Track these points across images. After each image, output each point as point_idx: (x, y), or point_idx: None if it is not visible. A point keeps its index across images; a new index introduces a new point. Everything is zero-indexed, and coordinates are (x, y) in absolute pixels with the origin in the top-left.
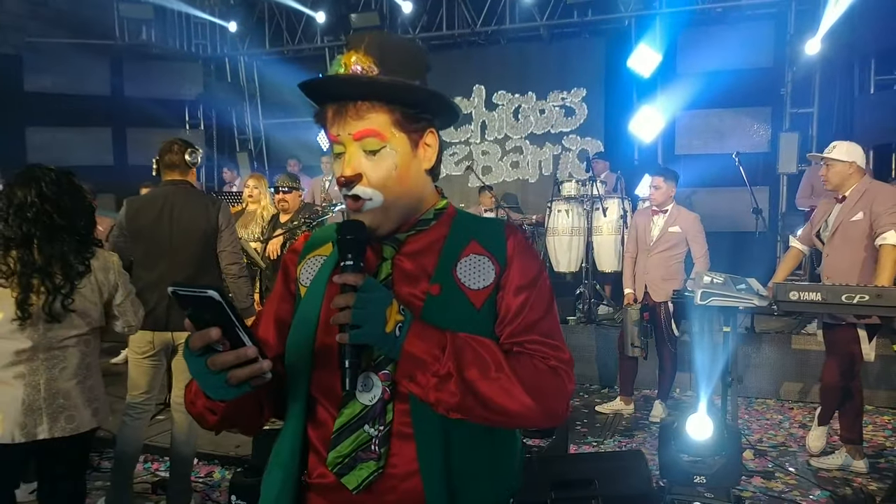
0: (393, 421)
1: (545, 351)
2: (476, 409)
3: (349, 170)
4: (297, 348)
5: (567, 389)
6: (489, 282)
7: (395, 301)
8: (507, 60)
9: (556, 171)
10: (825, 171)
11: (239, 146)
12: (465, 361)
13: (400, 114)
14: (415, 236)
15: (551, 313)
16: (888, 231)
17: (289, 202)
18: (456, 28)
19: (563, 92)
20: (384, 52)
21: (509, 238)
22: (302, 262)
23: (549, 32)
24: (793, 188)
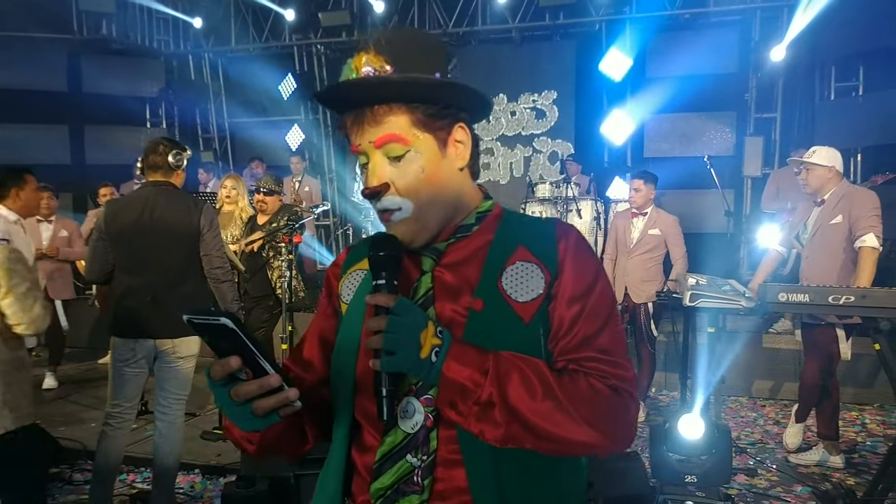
0: (438, 449)
1: (604, 369)
2: (526, 438)
3: (374, 180)
4: (340, 371)
5: (631, 412)
6: (539, 292)
7: (431, 323)
8: (478, 62)
9: (527, 173)
10: (805, 175)
11: (203, 145)
12: (509, 386)
13: (421, 112)
14: (455, 244)
15: (610, 325)
16: (867, 234)
17: (268, 204)
18: (427, 28)
19: (534, 94)
20: (397, 49)
21: (560, 240)
22: (344, 276)
23: (521, 35)
24: (757, 191)
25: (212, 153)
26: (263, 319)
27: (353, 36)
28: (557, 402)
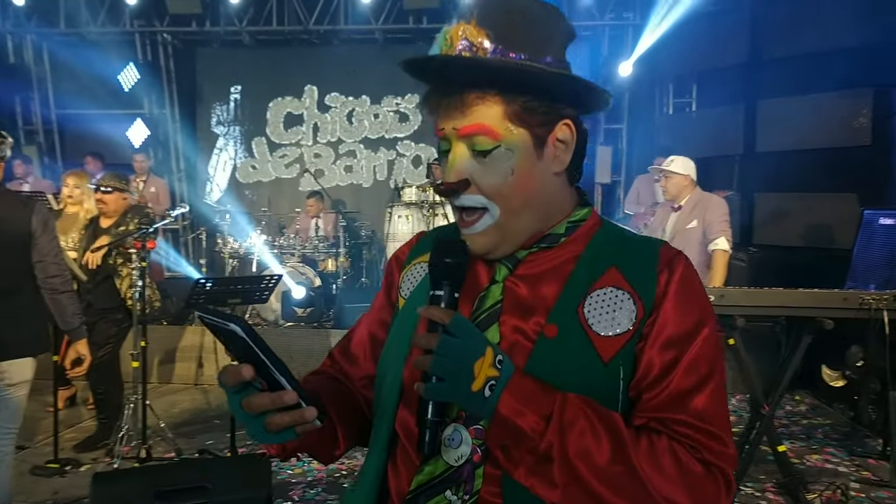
0: (481, 489)
1: (697, 438)
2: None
3: (453, 175)
4: (386, 375)
5: (721, 499)
6: (627, 327)
7: (490, 350)
8: (340, 62)
9: (390, 177)
10: (665, 182)
11: (25, 139)
12: (574, 440)
13: (519, 105)
14: (537, 254)
15: (713, 383)
16: (719, 237)
17: (108, 204)
18: (286, 24)
19: (397, 97)
20: (503, 22)
21: (664, 269)
22: (407, 266)
23: (384, 36)
24: (608, 197)
25: (35, 147)
26: (110, 334)
27: (205, 27)
28: (630, 469)
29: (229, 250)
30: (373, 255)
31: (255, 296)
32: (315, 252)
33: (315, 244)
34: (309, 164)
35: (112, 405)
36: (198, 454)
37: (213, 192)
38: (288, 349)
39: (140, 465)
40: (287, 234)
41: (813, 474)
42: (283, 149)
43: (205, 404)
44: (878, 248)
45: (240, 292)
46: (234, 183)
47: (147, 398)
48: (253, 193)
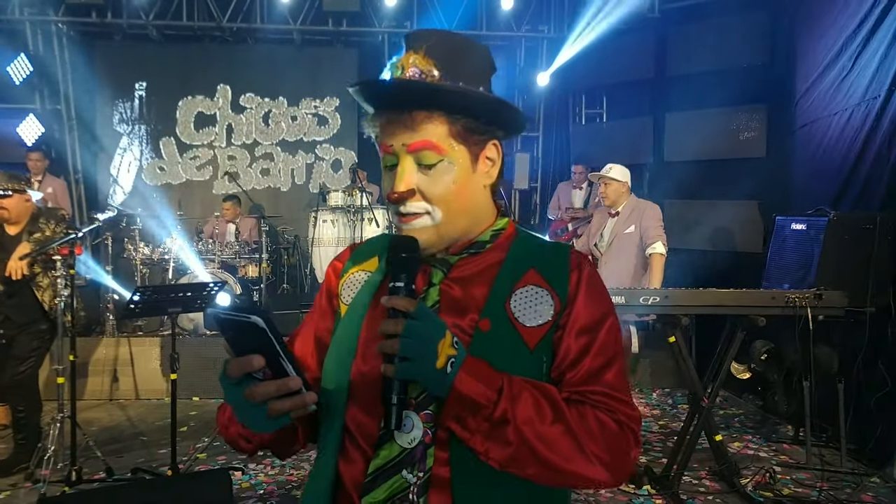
0: (433, 467)
1: (611, 404)
2: (529, 463)
3: (402, 185)
4: (333, 375)
5: (634, 450)
6: (547, 319)
7: (448, 333)
8: (255, 62)
9: (309, 181)
10: (604, 189)
11: None
12: (521, 408)
13: (462, 125)
14: (466, 259)
15: (618, 362)
16: (656, 242)
17: (9, 209)
18: (196, 20)
19: (315, 100)
20: (447, 54)
21: (574, 270)
22: (345, 275)
23: (302, 37)
24: (525, 202)
25: None
26: (33, 348)
27: (107, 17)
28: (567, 428)
29: (141, 257)
30: (295, 260)
31: (195, 304)
32: (236, 258)
33: (236, 249)
34: (223, 167)
35: (31, 425)
36: (131, 474)
37: (117, 195)
38: (219, 358)
39: (91, 489)
40: (205, 240)
41: (738, 460)
42: (195, 150)
43: (125, 420)
44: (791, 251)
45: (181, 301)
46: (140, 185)
47: (65, 416)
48: (161, 197)
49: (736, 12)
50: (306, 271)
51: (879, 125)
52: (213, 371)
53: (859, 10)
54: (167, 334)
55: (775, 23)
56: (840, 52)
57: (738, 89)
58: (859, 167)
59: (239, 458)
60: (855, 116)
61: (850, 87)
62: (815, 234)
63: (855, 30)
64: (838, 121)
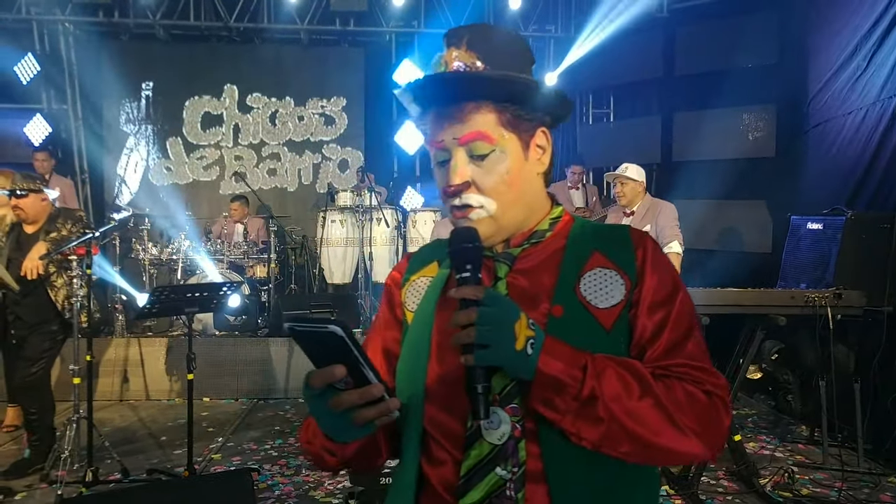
0: (526, 460)
1: (697, 375)
2: (621, 440)
3: (457, 178)
4: (409, 382)
5: (725, 420)
6: (619, 299)
7: (523, 314)
8: (262, 62)
9: (316, 181)
10: (620, 188)
11: None
12: (608, 384)
13: (510, 113)
14: (529, 250)
15: (695, 332)
16: (673, 241)
17: (26, 209)
18: (203, 20)
19: (322, 100)
20: (488, 47)
21: (638, 247)
22: (406, 284)
23: (309, 37)
24: None
25: None
26: (44, 349)
27: (114, 17)
28: (657, 401)
29: (149, 257)
30: (303, 260)
31: (211, 304)
32: (244, 258)
33: (244, 249)
34: (230, 167)
35: (44, 426)
36: (146, 475)
37: (124, 195)
38: (228, 359)
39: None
40: (213, 240)
41: (755, 461)
42: (201, 150)
43: (136, 421)
44: (807, 250)
45: (197, 300)
46: (147, 185)
47: (80, 416)
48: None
49: (745, 12)
50: (314, 271)
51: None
52: (223, 372)
53: (874, 10)
54: (176, 334)
55: (785, 22)
56: (855, 51)
57: (746, 89)
58: (875, 167)
59: (254, 459)
60: (870, 116)
61: (866, 86)
62: (832, 233)
63: (870, 29)
64: (853, 120)
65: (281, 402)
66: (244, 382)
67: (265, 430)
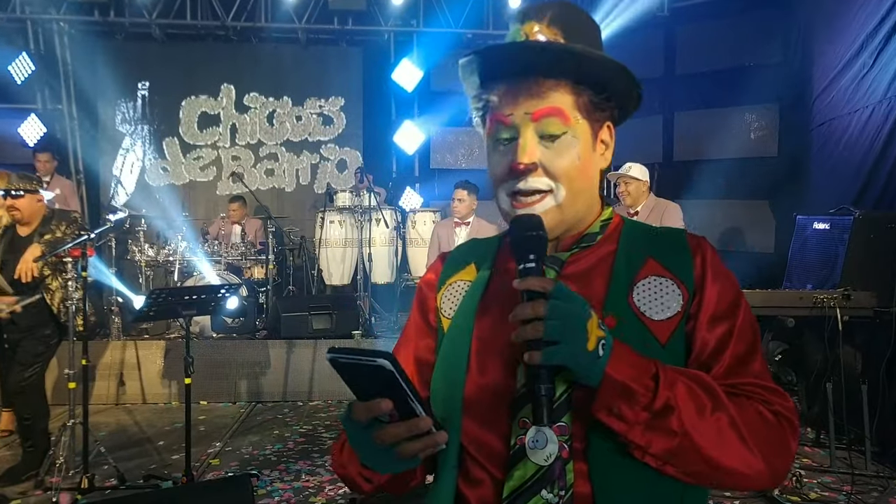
0: (574, 483)
1: (765, 395)
2: (691, 459)
3: (526, 157)
4: (446, 394)
5: (793, 445)
6: (676, 310)
7: (593, 312)
8: (259, 61)
9: (314, 181)
10: (624, 188)
11: None
12: (679, 394)
13: (587, 97)
14: (578, 255)
15: (759, 348)
16: None
17: (21, 210)
18: (200, 19)
19: (320, 99)
20: (571, 26)
21: (697, 254)
22: (442, 288)
23: (307, 36)
24: None
25: None
26: (37, 353)
27: (109, 16)
28: (731, 420)
29: (146, 259)
30: (301, 261)
31: (209, 307)
32: (242, 259)
33: (241, 250)
34: (227, 167)
35: (38, 432)
36: (143, 480)
37: (119, 196)
38: (226, 362)
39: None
40: (210, 241)
41: None
42: (198, 150)
43: (132, 425)
44: (813, 250)
45: (195, 303)
46: (143, 186)
47: (76, 421)
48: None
49: (746, 11)
50: (313, 273)
51: None
52: (221, 375)
53: (880, 8)
54: (174, 337)
55: (788, 20)
56: (860, 49)
57: (748, 88)
58: (881, 165)
59: (253, 464)
60: (876, 114)
61: (871, 84)
62: (838, 233)
63: (876, 27)
64: (859, 118)
65: (279, 406)
66: (242, 385)
67: (264, 434)
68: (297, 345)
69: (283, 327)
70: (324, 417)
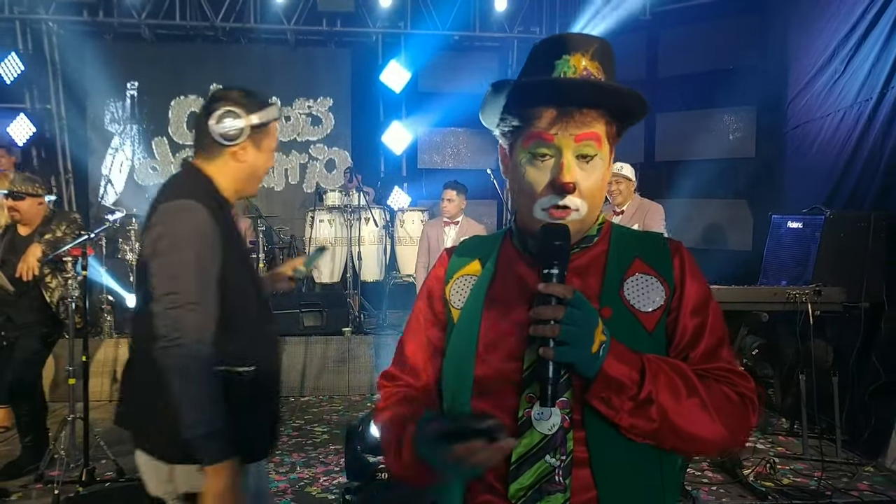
0: (574, 450)
1: (733, 378)
2: (669, 436)
3: (569, 177)
4: (457, 377)
5: (752, 419)
6: (660, 304)
7: (600, 320)
8: (248, 62)
9: (303, 181)
10: (616, 187)
11: None
12: (660, 386)
13: (615, 127)
14: (578, 253)
15: (727, 338)
16: None
17: (20, 212)
18: (189, 19)
19: (309, 100)
20: (605, 60)
21: (676, 256)
22: (450, 281)
23: (296, 37)
24: None
25: None
26: (35, 350)
27: (98, 16)
28: (701, 401)
29: (136, 257)
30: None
31: None
32: None
33: None
34: None
35: (37, 427)
36: None
37: (109, 195)
38: None
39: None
40: None
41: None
42: (188, 150)
43: None
44: (787, 248)
45: None
46: (133, 185)
47: (76, 416)
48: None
49: (726, 16)
50: None
51: (871, 127)
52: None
53: (851, 15)
54: None
55: (766, 26)
56: (833, 55)
57: (727, 91)
58: (852, 167)
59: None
60: (847, 118)
61: (843, 89)
62: (811, 232)
63: (847, 34)
64: (831, 122)
65: None
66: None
67: None
68: (289, 342)
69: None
70: (316, 412)
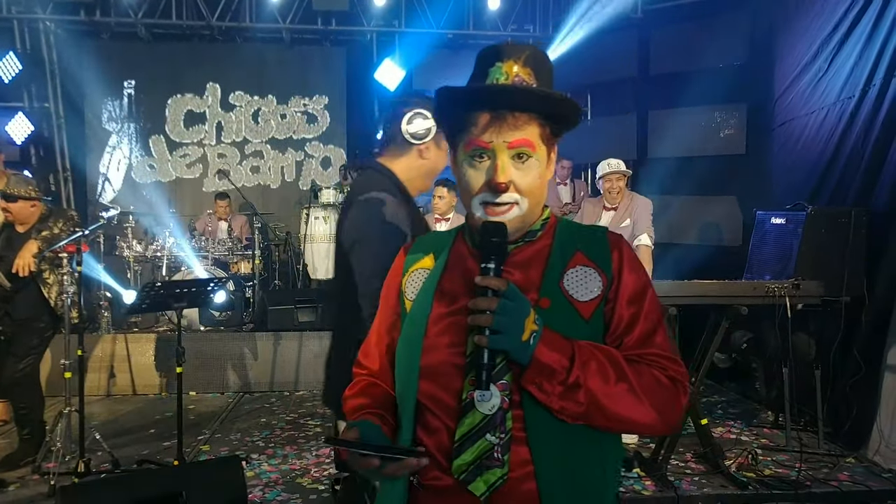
0: (512, 428)
1: (664, 363)
2: (598, 418)
3: (503, 177)
4: (407, 361)
5: (682, 400)
6: (597, 294)
7: (532, 310)
8: (244, 60)
9: (299, 178)
10: (617, 184)
11: None
12: (591, 374)
13: (549, 129)
14: (521, 248)
15: (662, 326)
16: (643, 234)
17: (13, 213)
18: (185, 19)
19: (304, 98)
20: (540, 68)
21: (615, 250)
22: (406, 273)
23: (291, 36)
24: None
25: None
26: (32, 345)
27: (95, 16)
28: (630, 386)
29: (134, 254)
30: (287, 256)
31: (199, 299)
32: (229, 254)
33: (228, 246)
34: (213, 165)
35: (34, 420)
36: (137, 465)
37: (107, 193)
38: (214, 354)
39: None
40: (198, 237)
41: (722, 444)
42: (184, 148)
43: (124, 415)
44: (771, 244)
45: (186, 296)
46: (130, 183)
47: (72, 409)
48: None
49: (716, 14)
50: (298, 267)
51: (853, 124)
52: (209, 367)
53: (834, 14)
54: (162, 330)
55: (754, 24)
56: (817, 53)
57: (718, 88)
58: (834, 164)
59: (241, 449)
60: (831, 115)
61: (826, 87)
62: (793, 227)
63: (830, 32)
64: (815, 119)
65: (266, 395)
66: (230, 376)
67: (251, 422)
68: (284, 337)
69: (269, 320)
70: (309, 406)
